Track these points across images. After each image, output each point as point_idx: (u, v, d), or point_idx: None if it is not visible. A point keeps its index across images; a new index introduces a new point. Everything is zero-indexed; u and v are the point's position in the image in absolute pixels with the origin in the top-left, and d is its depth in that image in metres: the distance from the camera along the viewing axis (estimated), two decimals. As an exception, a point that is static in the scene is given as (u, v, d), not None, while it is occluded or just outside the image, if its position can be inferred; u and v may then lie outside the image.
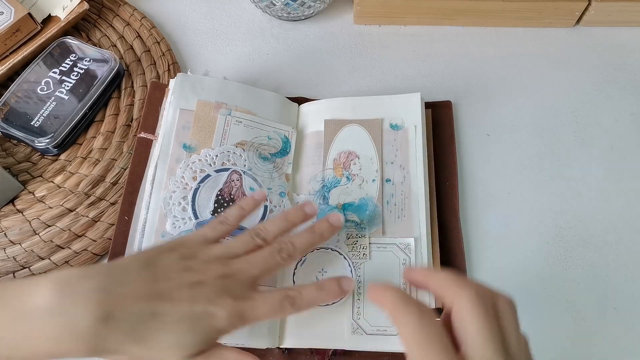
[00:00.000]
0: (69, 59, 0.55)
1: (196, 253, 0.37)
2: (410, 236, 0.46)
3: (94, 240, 0.49)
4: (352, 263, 0.46)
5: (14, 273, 0.48)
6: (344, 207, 0.48)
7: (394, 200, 0.48)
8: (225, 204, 0.47)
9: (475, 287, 0.31)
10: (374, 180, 0.49)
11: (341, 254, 0.46)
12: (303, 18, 0.62)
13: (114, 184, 0.52)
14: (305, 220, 0.41)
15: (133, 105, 0.56)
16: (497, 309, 0.31)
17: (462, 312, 0.30)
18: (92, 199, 0.51)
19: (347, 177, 0.49)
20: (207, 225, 0.40)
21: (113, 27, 0.61)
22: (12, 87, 0.54)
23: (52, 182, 0.52)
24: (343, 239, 0.47)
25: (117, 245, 0.46)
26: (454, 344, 0.30)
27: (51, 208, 0.50)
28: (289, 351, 0.45)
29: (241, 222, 0.42)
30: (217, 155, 0.49)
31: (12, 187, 0.50)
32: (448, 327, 0.31)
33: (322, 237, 0.40)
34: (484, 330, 0.29)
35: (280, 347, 0.44)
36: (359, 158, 0.50)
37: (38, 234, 0.49)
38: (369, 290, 0.34)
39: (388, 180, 0.49)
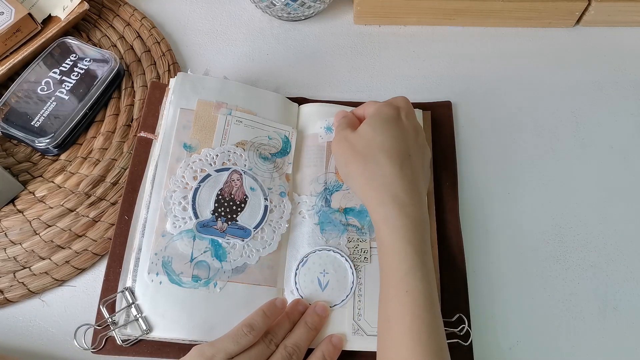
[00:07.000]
0: (69, 59, 0.55)
1: None
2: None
3: (94, 240, 0.49)
4: (354, 265, 0.46)
5: (14, 273, 0.48)
6: (346, 212, 0.48)
7: None
8: (226, 204, 0.47)
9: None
10: None
11: (343, 256, 0.46)
12: (303, 18, 0.62)
13: (114, 184, 0.52)
14: (301, 315, 0.44)
15: (133, 105, 0.56)
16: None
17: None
18: (92, 199, 0.51)
19: None
20: (230, 336, 0.41)
21: (113, 27, 0.61)
22: (13, 87, 0.54)
23: (53, 182, 0.52)
24: (344, 242, 0.47)
25: (117, 245, 0.46)
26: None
27: (51, 208, 0.50)
28: (290, 351, 0.45)
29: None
30: (217, 155, 0.49)
31: (12, 187, 0.50)
32: None
33: (317, 329, 0.44)
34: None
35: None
36: None
37: (38, 234, 0.49)
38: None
39: None
